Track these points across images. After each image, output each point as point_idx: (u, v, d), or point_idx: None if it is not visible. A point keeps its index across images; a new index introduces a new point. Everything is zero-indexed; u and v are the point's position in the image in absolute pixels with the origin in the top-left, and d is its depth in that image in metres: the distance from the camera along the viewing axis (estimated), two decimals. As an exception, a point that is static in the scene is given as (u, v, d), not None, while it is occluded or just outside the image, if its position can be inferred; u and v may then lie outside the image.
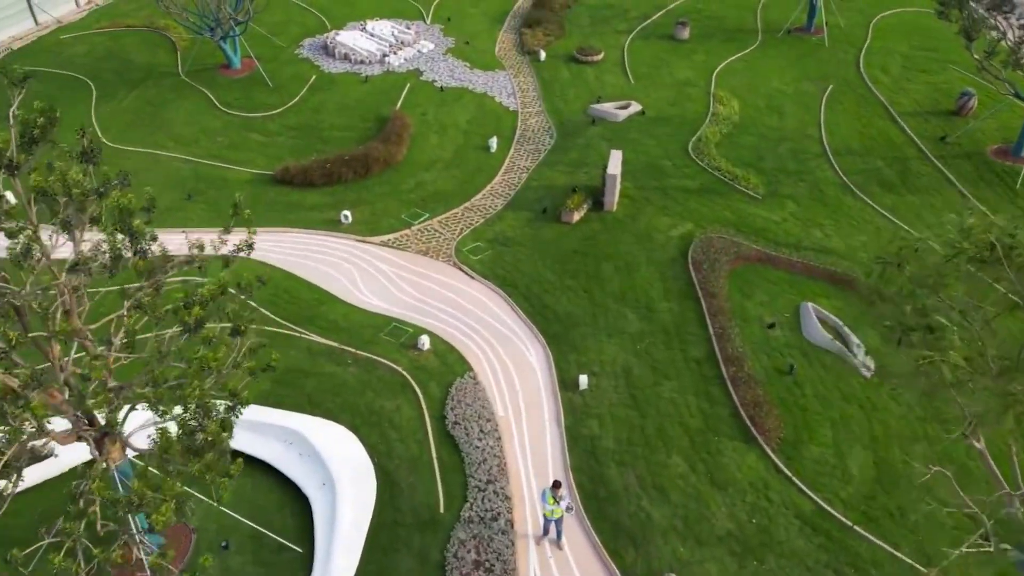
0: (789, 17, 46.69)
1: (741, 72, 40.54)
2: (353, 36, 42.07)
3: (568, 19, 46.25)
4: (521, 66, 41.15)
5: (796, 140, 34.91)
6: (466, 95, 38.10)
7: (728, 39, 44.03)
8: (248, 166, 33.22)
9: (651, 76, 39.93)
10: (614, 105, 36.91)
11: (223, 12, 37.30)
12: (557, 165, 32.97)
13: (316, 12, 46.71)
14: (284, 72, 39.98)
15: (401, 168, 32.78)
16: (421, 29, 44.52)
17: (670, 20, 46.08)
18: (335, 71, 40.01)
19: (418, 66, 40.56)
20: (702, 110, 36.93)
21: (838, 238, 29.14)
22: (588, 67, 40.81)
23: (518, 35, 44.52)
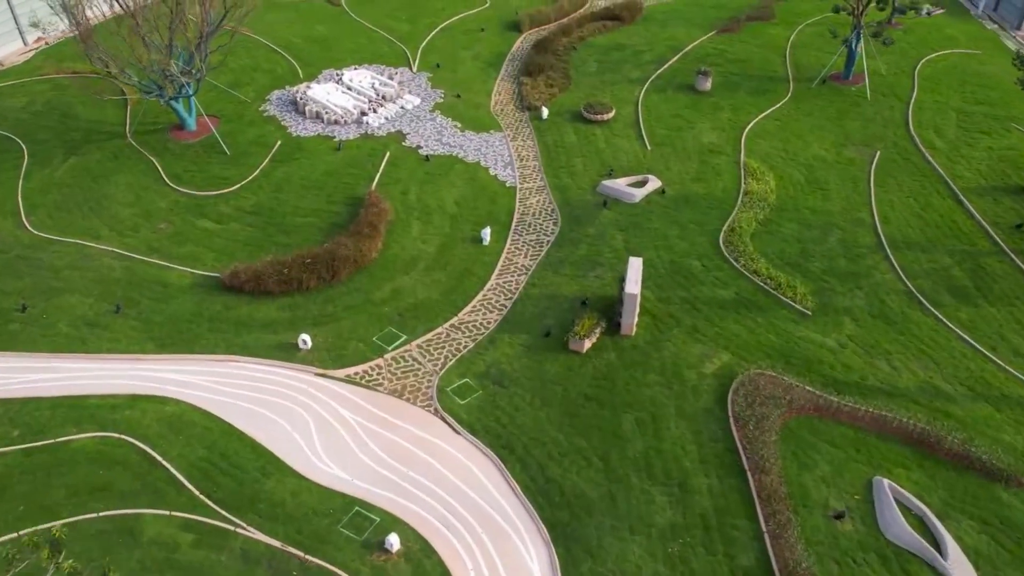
0: (821, 59, 40.76)
1: (773, 134, 34.59)
2: (326, 90, 36.07)
3: (573, 64, 40.25)
4: (520, 125, 35.18)
5: (846, 228, 29.01)
6: (456, 166, 32.15)
7: (755, 90, 38.06)
8: (193, 264, 27.31)
9: (670, 140, 33.96)
10: (628, 181, 30.99)
11: (171, 69, 31.33)
12: (563, 265, 27.07)
13: (287, 56, 40.68)
14: (245, 135, 33.99)
15: (375, 269, 26.89)
16: (406, 78, 38.52)
17: (689, 66, 40.09)
18: (304, 134, 34.03)
19: (401, 127, 34.59)
20: (732, 187, 31.00)
21: (909, 372, 23.28)
22: (597, 127, 34.85)
23: (517, 84, 38.54)
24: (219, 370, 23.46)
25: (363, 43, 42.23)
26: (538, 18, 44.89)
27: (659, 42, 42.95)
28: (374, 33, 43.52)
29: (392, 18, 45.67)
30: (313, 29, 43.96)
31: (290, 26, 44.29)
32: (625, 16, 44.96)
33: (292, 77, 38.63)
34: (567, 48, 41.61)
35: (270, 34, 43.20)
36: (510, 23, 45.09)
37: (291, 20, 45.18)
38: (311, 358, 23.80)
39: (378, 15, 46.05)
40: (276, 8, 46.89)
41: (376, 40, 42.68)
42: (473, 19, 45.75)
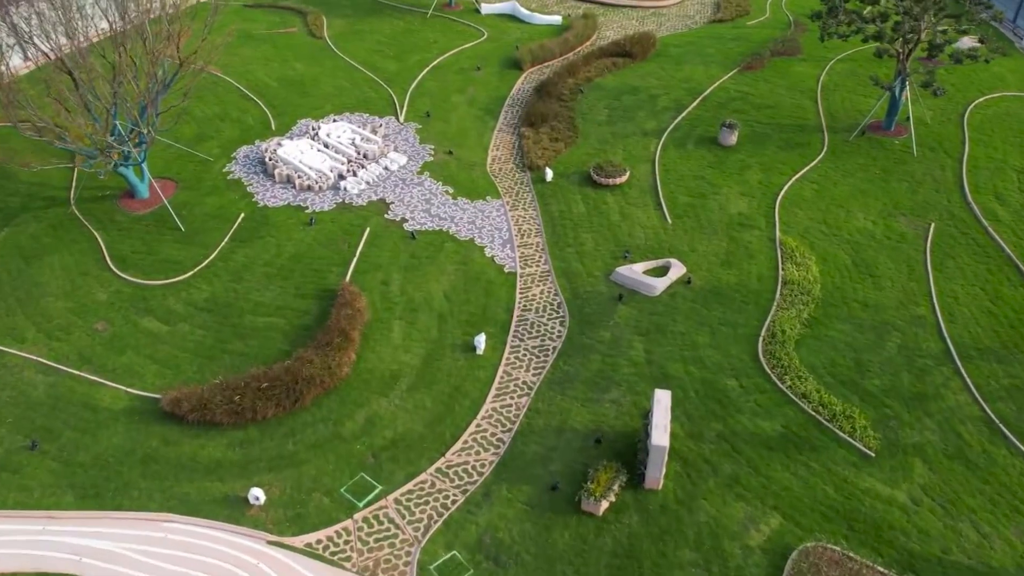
0: (855, 103, 36.04)
1: (811, 201, 29.85)
2: (300, 149, 31.28)
3: (580, 111, 35.45)
4: (521, 189, 30.43)
5: (905, 329, 24.29)
6: (446, 245, 27.41)
7: (786, 143, 33.29)
8: (131, 380, 22.61)
9: (694, 210, 29.21)
10: (647, 267, 26.28)
11: (106, 142, 26.61)
12: (572, 384, 22.36)
13: (259, 102, 35.86)
14: (204, 205, 29.23)
15: (347, 390, 22.19)
16: (392, 130, 33.71)
17: (710, 113, 35.30)
18: (272, 203, 29.25)
19: (384, 193, 29.82)
20: (768, 273, 26.26)
21: (1002, 542, 18.62)
22: (609, 193, 30.10)
23: (517, 136, 33.76)
24: (150, 534, 18.77)
25: (345, 85, 37.41)
26: (540, 54, 40.08)
27: (675, 83, 38.14)
28: (358, 72, 38.71)
29: (379, 53, 40.86)
30: (291, 68, 39.14)
31: (266, 64, 39.47)
32: (637, 52, 40.13)
33: (263, 129, 33.83)
34: (573, 91, 36.80)
35: (242, 74, 38.40)
36: (509, 59, 40.29)
37: (267, 56, 40.36)
38: (264, 518, 19.12)
39: (363, 50, 41.24)
40: (252, 42, 42.08)
41: (360, 81, 37.86)
42: (468, 54, 40.94)
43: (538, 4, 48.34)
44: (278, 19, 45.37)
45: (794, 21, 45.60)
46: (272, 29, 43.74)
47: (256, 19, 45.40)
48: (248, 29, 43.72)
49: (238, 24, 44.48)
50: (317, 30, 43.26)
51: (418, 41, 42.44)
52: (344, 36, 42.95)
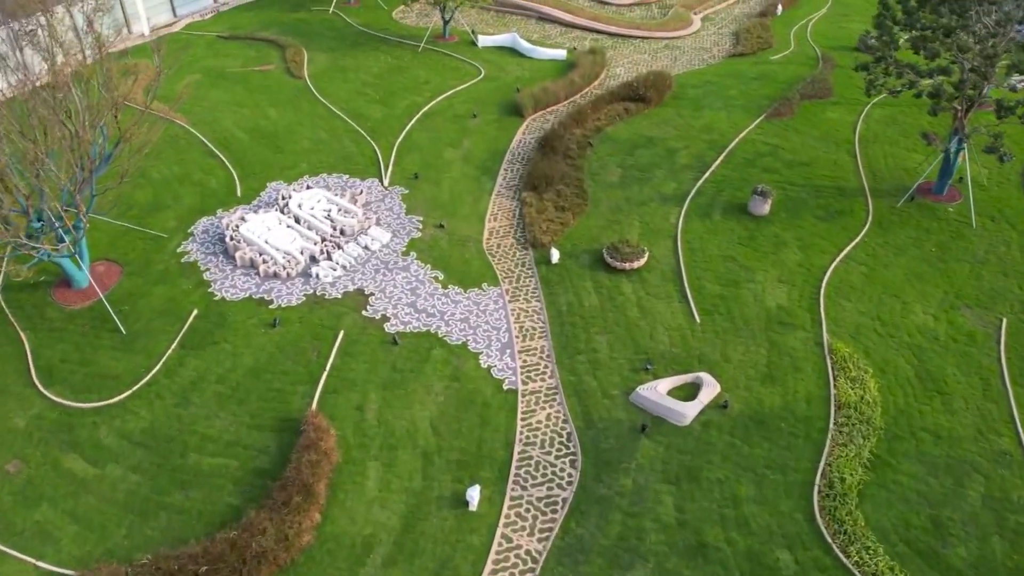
0: (899, 157, 31.66)
1: (860, 289, 25.36)
2: (267, 224, 26.73)
3: (589, 170, 30.93)
4: (522, 273, 25.92)
5: (987, 469, 19.84)
6: (434, 353, 22.89)
7: (825, 211, 28.81)
8: (41, 548, 18.14)
9: (725, 303, 24.70)
10: (674, 384, 21.82)
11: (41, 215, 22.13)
12: (586, 557, 17.89)
13: (225, 159, 31.29)
14: (152, 297, 24.70)
15: (307, 567, 17.69)
16: (374, 196, 29.17)
17: (736, 173, 30.80)
18: (231, 295, 24.72)
19: (363, 282, 25.29)
20: (818, 392, 21.78)
21: None
22: (625, 279, 25.60)
23: (518, 202, 29.24)
24: None
25: (323, 138, 32.84)
26: (543, 98, 35.51)
27: (695, 134, 33.59)
28: (338, 121, 34.13)
29: (363, 97, 36.28)
30: (264, 115, 34.56)
31: (236, 110, 34.90)
32: (651, 96, 35.54)
33: (227, 195, 29.29)
34: (581, 145, 32.25)
35: (209, 123, 33.82)
36: (509, 103, 35.73)
37: (239, 100, 35.78)
38: None
39: (346, 92, 36.66)
40: (224, 82, 37.50)
41: (341, 132, 33.29)
42: (463, 97, 36.36)
43: (540, 35, 43.76)
44: (254, 53, 40.79)
45: (822, 56, 41.04)
46: (247, 66, 39.15)
47: (231, 53, 40.83)
48: (221, 66, 39.15)
49: (210, 60, 39.95)
50: (296, 68, 38.67)
51: (408, 81, 37.86)
52: (326, 75, 38.35)
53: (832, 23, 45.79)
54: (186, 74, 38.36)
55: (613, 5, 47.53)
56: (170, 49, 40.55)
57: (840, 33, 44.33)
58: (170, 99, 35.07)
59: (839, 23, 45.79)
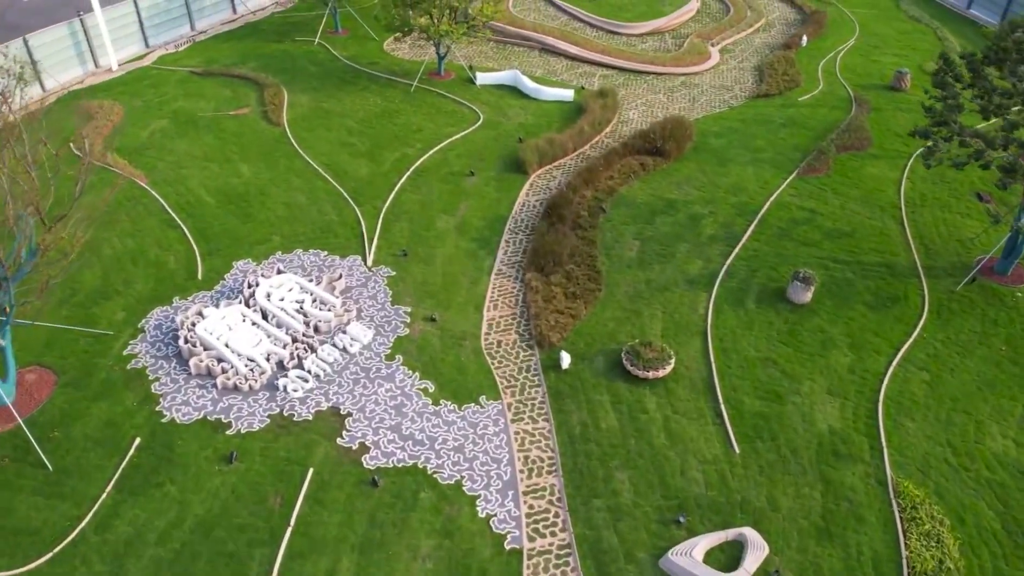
0: (953, 224, 27.76)
1: (923, 404, 21.36)
2: (228, 322, 22.64)
3: (603, 243, 26.89)
4: (527, 382, 21.87)
5: (1106, 670, 15.85)
6: (422, 498, 18.83)
7: (875, 297, 24.79)
8: None
9: (767, 424, 20.67)
10: (712, 543, 17.82)
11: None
12: None
13: (187, 232, 27.19)
14: (88, 419, 20.61)
15: None
16: (356, 279, 25.07)
17: (771, 248, 26.75)
18: (182, 417, 20.63)
19: (339, 398, 21.23)
20: (886, 552, 17.77)
21: None
22: (648, 391, 21.56)
23: (521, 285, 25.17)
24: None
25: (300, 202, 28.73)
26: (549, 151, 31.42)
27: (721, 195, 29.54)
28: (319, 181, 30.03)
29: (348, 148, 32.18)
30: (235, 172, 30.46)
31: (205, 166, 30.79)
32: (670, 149, 31.46)
33: (186, 277, 25.20)
34: (593, 210, 28.20)
35: (173, 182, 29.73)
36: (510, 156, 31.66)
37: (209, 152, 31.68)
38: None
39: (329, 143, 32.56)
40: (194, 129, 33.39)
41: (320, 195, 29.20)
42: (459, 148, 32.28)
43: (544, 70, 39.64)
44: (230, 93, 36.65)
45: (855, 97, 36.94)
46: (221, 110, 35.03)
47: (204, 93, 36.71)
48: (192, 110, 35.02)
49: (181, 101, 35.82)
50: (274, 112, 34.55)
51: (398, 128, 33.76)
52: (307, 120, 34.23)
53: (862, 56, 41.72)
54: (153, 119, 34.31)
55: (623, 35, 43.41)
56: (138, 87, 36.63)
57: (871, 68, 40.28)
58: (133, 152, 31.08)
59: (869, 56, 41.72)
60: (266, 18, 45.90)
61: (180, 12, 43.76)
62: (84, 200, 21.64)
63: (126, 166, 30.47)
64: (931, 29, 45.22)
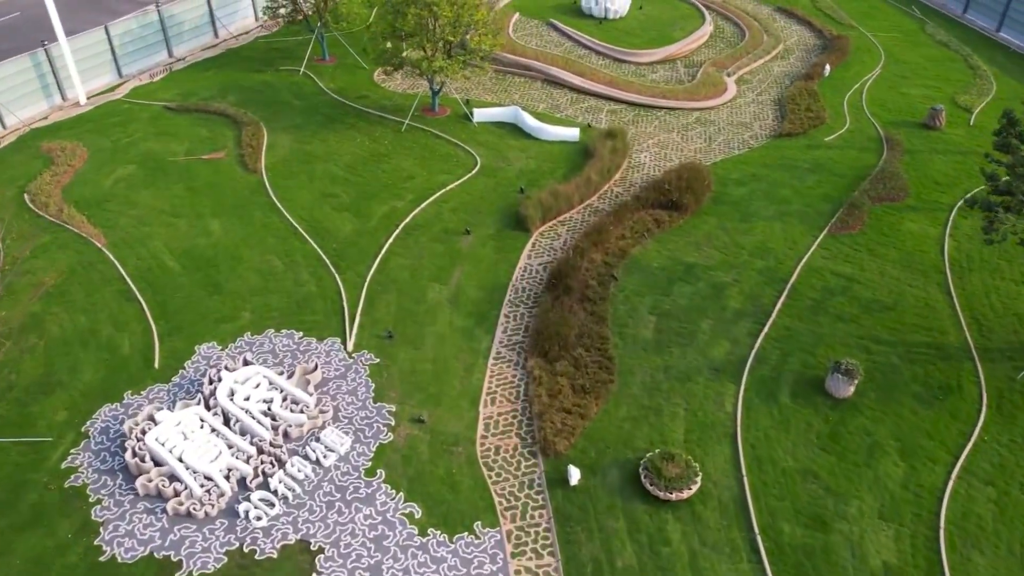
0: (1005, 292, 24.63)
1: (992, 531, 18.16)
2: (184, 426, 19.40)
3: (614, 320, 23.68)
4: (530, 505, 18.65)
5: None
6: (404, 663, 15.65)
7: (925, 388, 21.61)
8: None
9: (812, 562, 17.45)
10: None
11: None
12: None
13: (144, 305, 23.94)
14: (12, 558, 17.36)
15: None
16: (334, 370, 21.83)
17: (805, 325, 23.51)
18: (126, 553, 17.37)
19: (310, 526, 18.00)
20: None
21: None
22: (670, 516, 18.34)
23: (522, 371, 21.95)
24: None
25: (275, 268, 25.49)
26: (553, 205, 28.20)
27: (746, 259, 26.31)
28: (296, 241, 26.80)
29: (331, 199, 28.96)
30: (204, 230, 27.23)
31: (171, 222, 27.59)
32: (688, 202, 28.23)
33: (141, 364, 21.97)
34: (603, 278, 24.97)
35: (134, 243, 26.52)
36: (510, 210, 28.47)
37: (177, 206, 28.46)
38: None
39: (310, 193, 29.34)
40: (162, 177, 30.20)
41: (298, 258, 25.98)
42: (454, 200, 29.05)
43: (547, 104, 36.39)
44: (205, 132, 33.42)
45: (886, 137, 33.70)
46: (193, 153, 31.79)
47: (177, 131, 33.48)
48: (162, 153, 31.80)
49: (151, 142, 32.60)
50: (251, 156, 31.31)
51: (387, 175, 30.52)
52: (287, 166, 30.99)
53: (889, 88, 38.43)
54: (119, 164, 31.09)
55: (632, 63, 40.12)
56: (106, 125, 33.42)
57: (900, 102, 37.01)
58: (94, 205, 27.90)
59: (897, 87, 38.44)
60: (249, 43, 42.61)
61: (156, 39, 40.50)
62: (34, 264, 18.44)
63: (84, 223, 27.29)
64: (960, 56, 41.93)
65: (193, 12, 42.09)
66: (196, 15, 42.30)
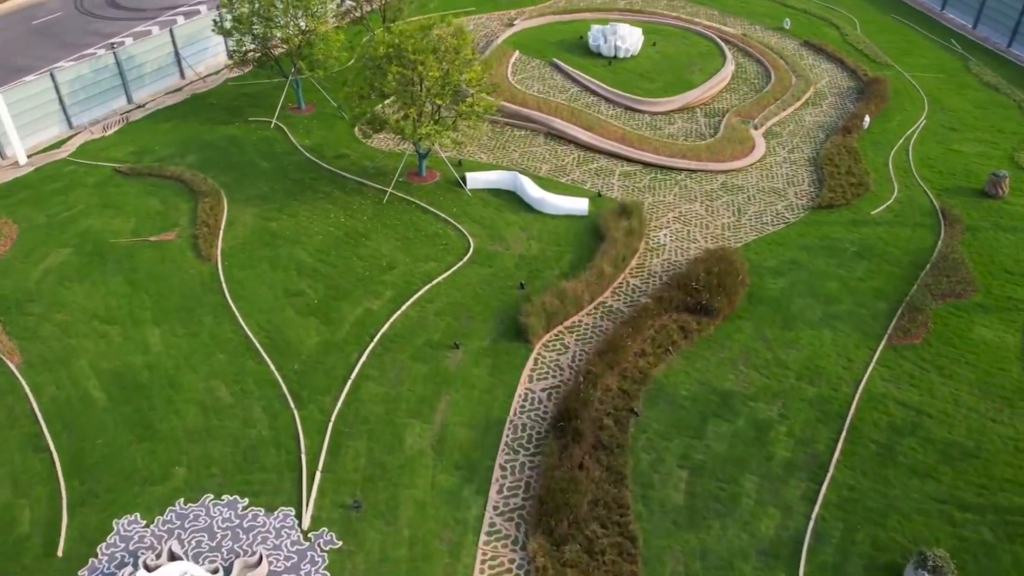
0: None
1: None
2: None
3: (636, 478, 18.95)
4: None
5: None
6: None
7: (1038, 590, 16.83)
8: None
9: None
10: None
11: None
12: None
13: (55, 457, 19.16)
14: None
15: None
16: (281, 561, 17.04)
17: (869, 482, 18.84)
18: None
19: None
20: None
21: None
22: None
23: (521, 551, 17.20)
24: None
25: (222, 399, 20.73)
26: (559, 309, 23.40)
27: (792, 383, 21.56)
28: (249, 359, 22.02)
29: (295, 299, 24.21)
30: (142, 344, 22.48)
31: (104, 332, 22.87)
32: (721, 305, 23.45)
33: (42, 544, 17.25)
34: (620, 416, 20.21)
35: (54, 364, 21.77)
36: (507, 310, 23.74)
37: (112, 309, 23.73)
38: None
39: (271, 289, 24.60)
40: (100, 266, 25.49)
41: (249, 383, 21.24)
42: (440, 300, 24.28)
43: (551, 164, 31.64)
44: (157, 204, 28.70)
45: (941, 210, 28.92)
46: (140, 234, 27.07)
47: (125, 202, 28.79)
48: (103, 232, 27.12)
49: (92, 217, 27.92)
50: (206, 238, 26.57)
51: (364, 262, 25.78)
52: (248, 251, 26.26)
53: (938, 143, 33.66)
54: (52, 247, 26.40)
55: (646, 113, 35.31)
56: (45, 194, 28.75)
57: (953, 162, 32.24)
58: (13, 308, 23.24)
59: (947, 142, 33.67)
60: (218, 87, 37.84)
61: (113, 83, 35.74)
62: None
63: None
64: (1013, 101, 37.13)
65: (156, 52, 37.36)
66: (160, 55, 37.57)
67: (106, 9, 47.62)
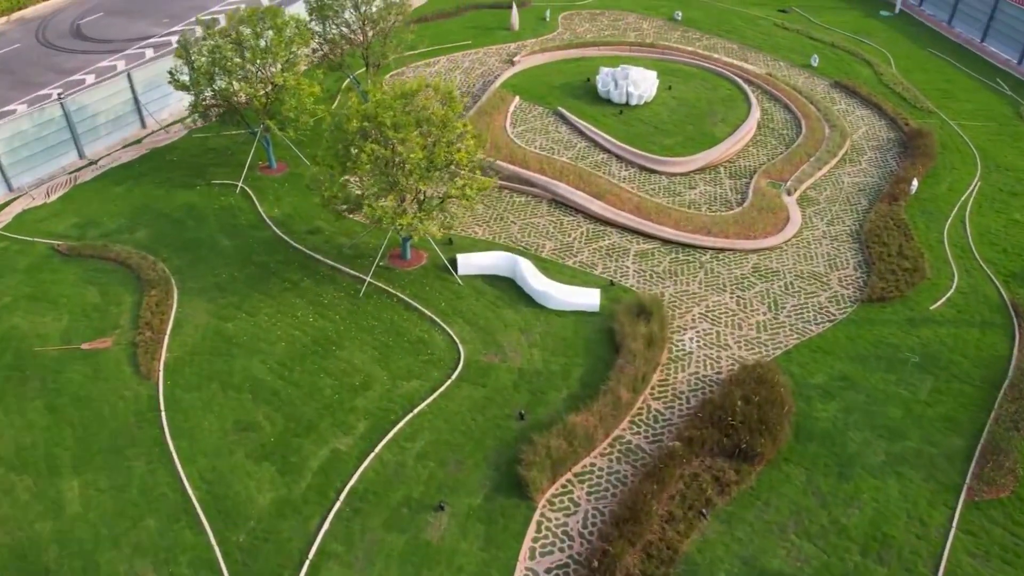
0: None
1: None
2: None
3: None
4: None
5: None
6: None
7: None
8: None
9: None
10: None
11: None
12: None
13: None
14: None
15: None
16: None
17: None
18: None
19: None
20: None
21: None
22: None
23: None
24: None
25: (145, 596, 16.39)
26: (566, 455, 19.00)
27: (857, 562, 17.26)
28: (187, 528, 17.67)
29: (247, 435, 19.88)
30: (54, 503, 18.15)
31: (9, 484, 18.55)
32: (764, 447, 19.06)
33: None
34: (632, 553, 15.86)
35: (-60, 539, 17.38)
36: (504, 451, 19.43)
37: (24, 449, 19.42)
38: None
39: (220, 421, 20.25)
40: (17, 387, 21.23)
41: (181, 563, 16.89)
42: (423, 437, 19.92)
43: (557, 242, 27.28)
44: (97, 297, 24.40)
45: (1012, 304, 24.51)
46: (70, 339, 22.70)
47: (59, 293, 24.47)
48: (29, 334, 22.78)
49: (18, 315, 23.55)
50: (148, 346, 22.19)
51: (333, 382, 21.41)
52: (195, 364, 21.90)
53: (997, 212, 29.26)
54: (-35, 357, 21.99)
55: (664, 175, 30.88)
56: None
57: (1017, 236, 27.84)
58: None
59: (1008, 210, 29.28)
60: (181, 139, 33.49)
61: (61, 137, 31.42)
62: None
63: None
64: (1076, 156, 32.65)
65: (113, 100, 32.99)
66: (117, 102, 33.21)
67: (70, 40, 43.21)
